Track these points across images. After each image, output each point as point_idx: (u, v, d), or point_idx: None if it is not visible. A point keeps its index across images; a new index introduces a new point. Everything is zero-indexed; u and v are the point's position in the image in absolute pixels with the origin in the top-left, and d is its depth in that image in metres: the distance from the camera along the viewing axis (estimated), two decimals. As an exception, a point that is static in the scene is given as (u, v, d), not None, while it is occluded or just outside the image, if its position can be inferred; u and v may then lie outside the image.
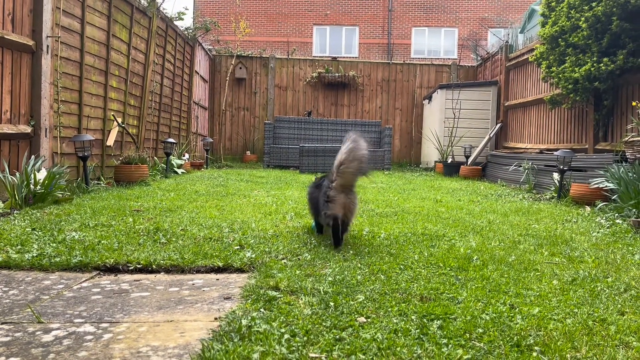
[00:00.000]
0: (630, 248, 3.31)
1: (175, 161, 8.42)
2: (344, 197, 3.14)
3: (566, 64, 6.52)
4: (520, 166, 7.55)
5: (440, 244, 3.24)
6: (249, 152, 12.68)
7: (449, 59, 17.53)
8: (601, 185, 5.14)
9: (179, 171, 8.30)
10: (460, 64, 13.41)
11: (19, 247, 2.90)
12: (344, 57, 16.84)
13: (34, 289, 2.27)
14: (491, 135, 10.33)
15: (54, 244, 2.97)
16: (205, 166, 10.32)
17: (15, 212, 4.03)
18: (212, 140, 11.39)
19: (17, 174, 4.33)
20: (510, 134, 10.14)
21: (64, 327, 1.81)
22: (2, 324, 1.83)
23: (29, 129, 4.84)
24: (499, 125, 10.44)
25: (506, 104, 10.28)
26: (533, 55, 7.54)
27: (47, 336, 1.72)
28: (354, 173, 3.20)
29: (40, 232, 3.26)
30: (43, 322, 1.86)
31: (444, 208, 5.00)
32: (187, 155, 9.58)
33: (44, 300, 2.12)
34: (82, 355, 1.56)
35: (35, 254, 2.74)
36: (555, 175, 6.30)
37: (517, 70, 9.97)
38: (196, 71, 11.08)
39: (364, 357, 1.52)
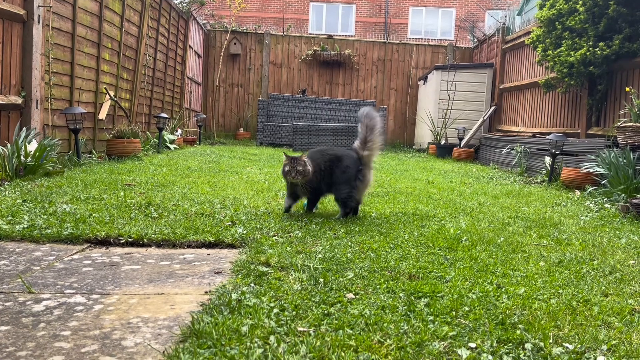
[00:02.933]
0: (617, 232, 3.36)
1: (167, 136, 8.37)
2: (370, 174, 3.44)
3: (562, 48, 6.50)
4: (513, 149, 7.58)
5: (430, 224, 3.27)
6: (242, 129, 12.63)
7: (445, 40, 17.40)
8: (591, 170, 5.18)
9: (172, 147, 8.26)
10: (457, 45, 13.35)
11: (10, 218, 2.89)
12: (340, 36, 16.68)
13: (24, 260, 2.27)
14: (485, 118, 10.34)
15: (45, 216, 2.96)
16: (198, 142, 10.28)
17: (5, 183, 4.01)
18: (205, 117, 11.32)
19: (8, 145, 4.30)
20: (504, 117, 10.16)
21: (54, 297, 1.83)
22: (-7, 293, 1.84)
23: (19, 100, 4.78)
24: (493, 108, 10.44)
25: (501, 87, 10.27)
26: (530, 38, 7.51)
27: (37, 306, 1.73)
28: (380, 148, 3.43)
29: (31, 204, 3.25)
30: (34, 292, 1.87)
31: (435, 189, 5.03)
32: (179, 131, 9.52)
33: (34, 271, 2.12)
34: (73, 325, 1.58)
35: (26, 226, 2.74)
36: (547, 159, 6.34)
37: (513, 53, 9.94)
38: (190, 46, 10.95)
39: (351, 331, 1.55)
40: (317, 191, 3.45)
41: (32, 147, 4.46)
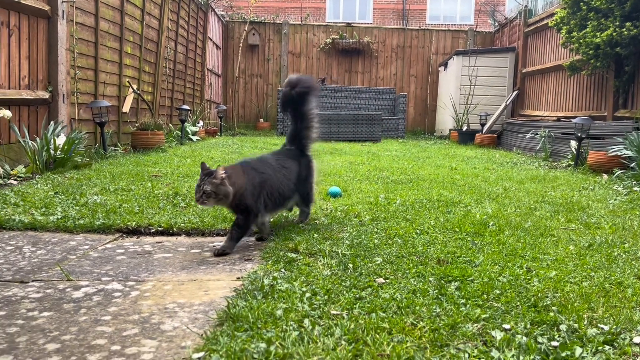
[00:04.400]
0: (648, 215, 3.30)
1: (189, 128, 8.45)
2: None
3: (587, 29, 6.36)
4: (537, 134, 7.47)
5: (455, 210, 3.26)
6: (262, 119, 12.67)
7: (465, 24, 17.14)
8: (619, 153, 5.09)
9: (194, 138, 8.35)
10: (477, 29, 13.15)
11: (44, 209, 2.97)
12: (358, 23, 16.55)
13: (60, 249, 2.34)
14: (507, 103, 10.20)
15: (77, 207, 3.04)
16: (219, 133, 10.35)
17: (37, 176, 4.11)
18: (225, 108, 11.39)
19: (37, 139, 4.40)
20: (527, 102, 10.00)
21: (92, 284, 1.88)
22: (33, 281, 1.90)
23: (47, 95, 4.88)
24: (515, 92, 10.29)
25: (524, 71, 10.10)
26: (553, 20, 7.36)
27: (77, 293, 1.79)
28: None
29: (62, 196, 3.33)
30: (72, 279, 1.93)
31: (459, 175, 5.00)
32: (201, 123, 9.60)
33: (71, 260, 2.18)
34: (113, 310, 1.63)
35: (59, 216, 2.81)
36: (573, 143, 6.24)
37: (536, 36, 9.75)
38: (209, 37, 10.99)
39: (384, 314, 1.56)
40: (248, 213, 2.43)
41: (61, 140, 4.56)
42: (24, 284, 1.87)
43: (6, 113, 3.99)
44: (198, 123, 9.34)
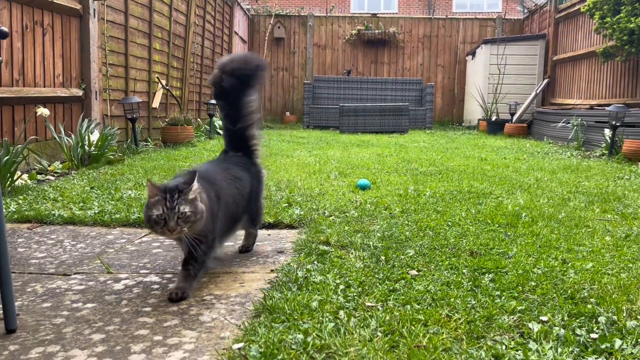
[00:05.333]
0: (687, 205, 3.21)
1: (218, 122, 8.54)
2: None
3: (621, 14, 6.17)
4: (569, 123, 7.31)
5: (487, 202, 3.23)
6: (288, 112, 12.71)
7: (493, 12, 16.79)
8: (656, 141, 4.94)
9: (222, 132, 8.43)
10: (506, 17, 12.89)
11: (81, 204, 3.06)
12: (383, 13, 16.40)
13: (99, 243, 2.41)
14: (538, 92, 9.99)
15: (113, 202, 3.12)
16: (246, 127, 10.42)
17: (72, 172, 4.23)
18: (252, 102, 11.43)
19: (72, 135, 4.52)
20: (558, 90, 9.78)
21: (131, 277, 1.93)
22: (75, 274, 1.97)
23: (80, 92, 5.00)
24: (546, 80, 10.07)
25: (554, 58, 9.87)
26: (585, 6, 7.17)
27: (117, 285, 1.84)
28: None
29: (98, 191, 3.43)
30: (112, 272, 1.99)
31: (489, 166, 4.94)
32: (228, 117, 9.68)
33: (109, 253, 2.25)
34: (152, 302, 1.67)
35: (96, 211, 2.89)
36: (607, 132, 6.08)
37: (567, 22, 9.51)
38: (235, 32, 11.06)
39: (418, 306, 1.57)
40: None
41: (94, 137, 4.67)
42: (66, 277, 1.93)
43: (44, 111, 4.11)
44: (225, 117, 9.41)
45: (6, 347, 1.36)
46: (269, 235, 2.56)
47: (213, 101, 8.13)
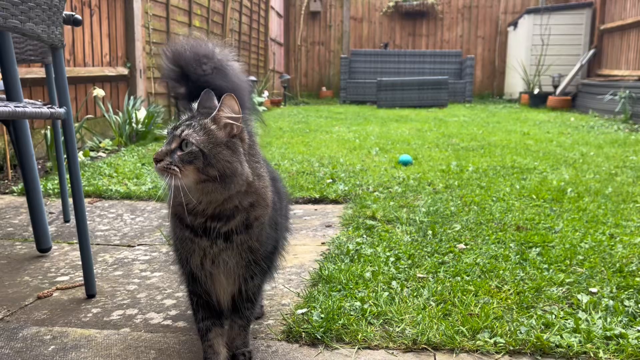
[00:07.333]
0: None
1: (256, 99, 8.64)
2: None
3: (676, -20, 5.89)
4: (616, 95, 7.08)
5: (531, 177, 3.22)
6: (324, 87, 12.70)
7: (536, -20, 16.17)
8: None
9: (260, 109, 8.53)
10: (550, -15, 12.40)
11: (135, 180, 3.21)
12: (420, -16, 16.03)
13: (155, 217, 2.54)
14: (583, 63, 9.66)
15: (165, 177, 3.26)
16: (283, 103, 10.51)
17: (122, 149, 4.40)
18: (289, 77, 11.50)
19: (120, 113, 4.68)
20: (605, 61, 9.43)
21: (191, 248, 2.05)
22: (139, 245, 2.10)
23: (126, 71, 5.16)
24: (592, 51, 9.72)
25: (601, 28, 9.50)
26: (636, -28, 6.85)
27: (179, 255, 1.96)
28: None
29: (149, 167, 3.58)
30: (172, 244, 2.11)
31: (532, 141, 4.87)
32: (266, 93, 9.78)
33: (166, 227, 2.37)
34: (214, 272, 1.79)
35: (150, 186, 3.04)
36: (656, 104, 5.88)
37: (616, -11, 9.11)
38: (271, 6, 11.05)
39: (468, 278, 1.63)
40: None
41: (141, 114, 4.83)
42: (131, 248, 2.07)
43: (100, 92, 4.27)
44: (263, 93, 9.51)
45: (89, 310, 1.50)
46: (315, 210, 2.64)
47: (252, 77, 8.22)
